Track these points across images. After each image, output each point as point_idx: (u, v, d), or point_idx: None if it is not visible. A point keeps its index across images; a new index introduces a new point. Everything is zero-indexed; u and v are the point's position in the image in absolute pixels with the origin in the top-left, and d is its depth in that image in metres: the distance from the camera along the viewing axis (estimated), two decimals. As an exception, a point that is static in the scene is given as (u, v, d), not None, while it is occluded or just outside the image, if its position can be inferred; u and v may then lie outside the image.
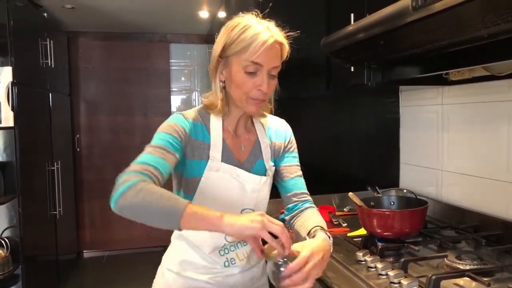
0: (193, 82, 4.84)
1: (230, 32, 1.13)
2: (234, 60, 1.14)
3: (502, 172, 1.63)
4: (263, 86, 1.14)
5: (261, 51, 1.10)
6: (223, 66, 1.17)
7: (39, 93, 3.30)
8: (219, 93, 1.20)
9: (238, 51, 1.12)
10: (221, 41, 1.15)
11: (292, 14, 2.14)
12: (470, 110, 1.79)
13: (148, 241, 4.70)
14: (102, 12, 3.74)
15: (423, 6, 1.07)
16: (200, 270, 1.26)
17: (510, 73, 1.50)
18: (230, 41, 1.13)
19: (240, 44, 1.11)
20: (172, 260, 1.31)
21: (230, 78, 1.16)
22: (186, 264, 1.27)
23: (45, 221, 3.31)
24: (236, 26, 1.13)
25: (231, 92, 1.19)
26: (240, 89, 1.15)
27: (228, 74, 1.17)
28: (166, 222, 0.97)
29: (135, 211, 0.98)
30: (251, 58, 1.11)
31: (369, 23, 1.34)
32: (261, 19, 1.17)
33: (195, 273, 1.26)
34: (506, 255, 1.39)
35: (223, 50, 1.15)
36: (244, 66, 1.12)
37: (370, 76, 1.82)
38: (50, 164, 3.41)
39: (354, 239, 1.62)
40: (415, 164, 2.19)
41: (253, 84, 1.14)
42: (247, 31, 1.11)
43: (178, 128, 1.16)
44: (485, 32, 1.12)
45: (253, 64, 1.12)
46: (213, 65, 1.19)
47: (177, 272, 1.28)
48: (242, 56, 1.12)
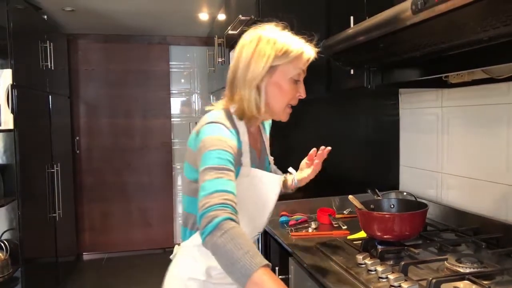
0: (192, 84, 4.84)
1: (277, 41, 1.19)
2: (283, 68, 1.20)
3: (501, 175, 1.63)
4: (303, 93, 1.26)
5: (309, 61, 1.23)
6: (268, 75, 1.21)
7: (39, 96, 3.30)
8: (259, 102, 1.22)
9: (290, 61, 1.19)
10: (267, 51, 1.18)
11: (292, 16, 2.14)
12: (470, 113, 1.79)
13: (147, 244, 4.70)
14: (101, 14, 3.74)
15: (423, 9, 1.07)
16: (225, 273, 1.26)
17: (509, 76, 1.50)
18: (281, 51, 1.18)
19: (293, 54, 1.19)
20: (196, 269, 1.28)
21: (275, 87, 1.22)
22: (212, 270, 1.27)
23: (44, 223, 3.31)
24: (279, 36, 1.21)
25: (271, 100, 1.23)
26: (285, 96, 1.23)
27: (272, 84, 1.21)
28: (233, 274, 0.95)
29: (217, 252, 0.97)
30: (303, 66, 1.22)
31: (369, 26, 1.34)
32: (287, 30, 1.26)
33: (220, 277, 1.27)
34: (506, 258, 1.39)
35: (273, 59, 1.19)
36: (294, 75, 1.21)
37: (370, 79, 1.82)
38: (49, 167, 3.40)
39: (354, 242, 1.62)
40: (415, 166, 2.19)
41: (296, 91, 1.24)
42: (295, 41, 1.22)
43: (230, 143, 1.15)
44: (484, 35, 1.12)
45: (301, 73, 1.23)
46: (256, 75, 1.19)
47: (204, 280, 1.28)
48: (293, 65, 1.20)
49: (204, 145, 1.12)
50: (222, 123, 1.19)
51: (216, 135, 1.14)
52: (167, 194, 4.77)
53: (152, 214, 4.73)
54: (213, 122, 1.18)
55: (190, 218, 1.29)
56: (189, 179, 1.27)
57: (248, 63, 1.20)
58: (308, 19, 2.13)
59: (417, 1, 1.08)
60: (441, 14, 1.03)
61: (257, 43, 1.20)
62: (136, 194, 4.68)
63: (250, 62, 1.20)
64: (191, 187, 1.24)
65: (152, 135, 4.71)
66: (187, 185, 1.28)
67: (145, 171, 4.68)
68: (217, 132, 1.15)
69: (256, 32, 1.23)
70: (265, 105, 1.23)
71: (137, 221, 4.70)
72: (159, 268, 1.53)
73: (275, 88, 1.22)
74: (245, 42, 1.24)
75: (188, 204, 1.30)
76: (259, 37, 1.21)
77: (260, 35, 1.22)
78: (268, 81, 1.21)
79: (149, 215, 4.72)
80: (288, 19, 2.10)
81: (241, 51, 1.23)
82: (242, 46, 1.24)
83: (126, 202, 4.66)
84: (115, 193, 4.62)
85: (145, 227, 4.72)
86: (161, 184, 4.74)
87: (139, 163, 4.65)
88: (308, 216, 2.05)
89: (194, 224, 1.28)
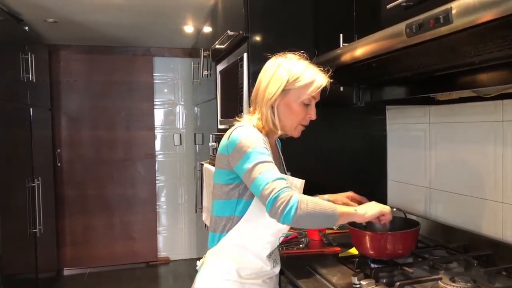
0: (176, 95, 4.80)
1: (291, 69, 1.37)
2: (294, 92, 1.37)
3: (489, 191, 1.66)
4: (313, 115, 1.42)
5: (320, 89, 1.38)
6: (281, 97, 1.37)
7: (19, 108, 3.23)
8: (274, 118, 1.39)
9: (301, 86, 1.36)
10: (282, 77, 1.36)
11: (280, 34, 2.15)
12: (457, 130, 1.82)
13: (131, 258, 4.61)
14: (84, 26, 3.69)
15: (418, 33, 1.08)
16: (255, 274, 1.41)
17: (497, 95, 1.53)
18: (294, 77, 1.36)
19: (304, 81, 1.36)
20: (230, 270, 1.39)
21: (286, 108, 1.39)
22: (242, 271, 1.39)
23: (24, 239, 3.22)
24: (295, 64, 1.39)
25: (283, 118, 1.40)
26: (296, 117, 1.40)
27: (283, 104, 1.38)
28: (327, 223, 1.28)
29: (309, 219, 1.20)
30: (313, 93, 1.37)
31: (362, 47, 1.35)
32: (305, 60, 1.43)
33: (250, 277, 1.40)
34: (497, 276, 1.41)
35: (286, 84, 1.36)
36: (304, 99, 1.37)
37: (359, 96, 1.83)
38: (30, 181, 3.32)
39: (346, 259, 1.61)
40: (402, 181, 2.20)
41: (306, 113, 1.41)
42: (308, 70, 1.38)
43: (266, 145, 1.33)
44: (477, 59, 1.14)
45: (312, 98, 1.39)
46: (271, 96, 1.37)
47: (234, 280, 1.38)
48: (303, 91, 1.36)
49: (243, 145, 1.29)
50: (255, 127, 1.40)
51: (251, 136, 1.32)
52: (151, 207, 4.70)
53: (135, 228, 4.65)
54: (245, 126, 1.38)
55: (220, 221, 1.41)
56: (221, 183, 1.40)
57: (267, 85, 1.39)
58: (296, 35, 2.14)
59: (411, 24, 1.10)
60: (436, 38, 1.04)
61: (276, 68, 1.39)
62: (119, 207, 4.60)
63: (268, 84, 1.39)
64: (224, 190, 1.39)
65: (136, 147, 4.65)
66: (219, 189, 1.41)
67: (128, 184, 4.61)
68: (252, 133, 1.34)
69: (278, 59, 1.42)
70: (279, 122, 1.40)
71: (120, 235, 4.61)
72: (143, 282, 1.51)
73: (286, 109, 1.39)
74: (267, 67, 1.44)
75: (219, 207, 1.42)
76: (279, 64, 1.40)
77: (280, 62, 1.40)
78: (280, 102, 1.38)
79: (132, 228, 4.64)
80: (277, 36, 2.12)
81: (263, 74, 1.43)
82: (265, 69, 1.44)
83: (108, 215, 4.57)
84: (98, 206, 4.53)
85: (128, 240, 4.63)
86: (145, 197, 4.67)
87: (122, 176, 4.58)
88: (298, 232, 2.04)
89: (224, 227, 1.40)
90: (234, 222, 1.38)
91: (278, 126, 1.40)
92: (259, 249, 1.41)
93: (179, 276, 4.41)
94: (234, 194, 1.37)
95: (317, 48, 2.05)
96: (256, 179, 1.23)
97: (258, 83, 1.44)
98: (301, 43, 2.17)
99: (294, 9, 2.14)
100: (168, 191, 4.80)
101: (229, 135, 1.37)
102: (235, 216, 1.38)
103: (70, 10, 3.21)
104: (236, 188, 1.37)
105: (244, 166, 1.27)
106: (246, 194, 1.36)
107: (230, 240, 1.39)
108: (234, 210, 1.38)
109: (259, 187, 1.22)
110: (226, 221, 1.40)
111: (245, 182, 1.30)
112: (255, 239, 1.39)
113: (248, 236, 1.38)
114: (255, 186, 1.24)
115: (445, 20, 0.98)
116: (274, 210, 1.18)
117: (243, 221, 1.37)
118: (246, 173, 1.26)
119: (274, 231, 1.41)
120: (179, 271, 4.53)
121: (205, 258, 1.46)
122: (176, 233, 4.81)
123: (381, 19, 1.44)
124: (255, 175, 1.24)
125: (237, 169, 1.31)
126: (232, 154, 1.32)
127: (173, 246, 4.80)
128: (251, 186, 1.27)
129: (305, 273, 1.55)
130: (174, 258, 4.79)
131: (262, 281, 1.43)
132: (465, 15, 0.93)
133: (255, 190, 1.25)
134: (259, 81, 1.44)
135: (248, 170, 1.25)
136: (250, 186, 1.27)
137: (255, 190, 1.25)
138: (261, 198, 1.23)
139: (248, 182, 1.28)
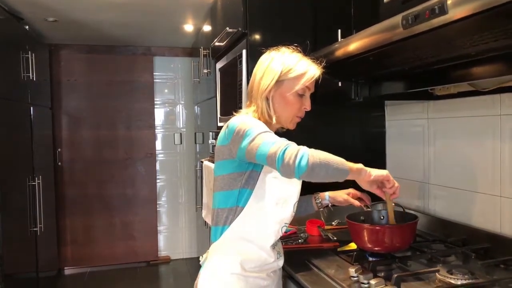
0: (177, 95, 4.81)
1: (284, 61, 1.40)
2: (288, 83, 1.40)
3: (487, 186, 1.66)
4: (308, 106, 1.45)
5: (313, 79, 1.41)
6: (275, 88, 1.40)
7: (20, 107, 3.23)
8: (269, 110, 1.42)
9: (294, 77, 1.39)
10: (275, 68, 1.39)
11: (279, 30, 2.16)
12: (456, 124, 1.82)
13: (131, 257, 4.62)
14: (85, 25, 3.70)
15: (414, 24, 1.08)
16: (258, 267, 1.40)
17: (494, 89, 1.54)
18: (287, 69, 1.39)
19: (297, 72, 1.39)
20: (234, 263, 1.38)
21: (281, 99, 1.41)
22: (246, 263, 1.38)
23: (25, 238, 3.22)
24: (288, 57, 1.42)
25: (279, 110, 1.42)
26: (292, 108, 1.42)
27: (278, 95, 1.41)
28: (340, 174, 1.24)
29: (323, 167, 1.19)
30: (306, 83, 1.40)
31: (359, 41, 1.35)
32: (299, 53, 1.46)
33: (254, 270, 1.40)
34: (495, 268, 1.41)
35: (280, 75, 1.39)
36: (298, 89, 1.40)
37: (357, 91, 1.84)
38: (31, 179, 3.32)
39: (344, 253, 1.62)
40: (401, 177, 2.20)
41: (302, 104, 1.43)
42: (301, 62, 1.41)
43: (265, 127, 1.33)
44: (473, 50, 1.14)
45: (306, 89, 1.42)
46: (266, 87, 1.40)
47: (238, 273, 1.38)
48: (297, 81, 1.39)
49: (242, 127, 1.30)
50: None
51: (249, 119, 1.35)
52: (151, 206, 4.70)
53: (136, 227, 4.65)
54: (245, 114, 1.41)
55: (223, 213, 1.40)
56: (223, 174, 1.40)
57: (261, 77, 1.42)
58: (295, 31, 2.15)
59: (408, 16, 1.10)
60: (432, 29, 1.04)
61: (270, 62, 1.43)
62: (119, 206, 4.60)
63: (262, 76, 1.42)
64: (226, 181, 1.39)
65: (136, 147, 4.65)
66: (221, 181, 1.41)
67: (128, 183, 4.61)
68: (249, 118, 1.37)
69: (272, 53, 1.46)
70: (274, 114, 1.42)
71: (121, 234, 4.62)
72: (144, 281, 1.51)
73: (281, 100, 1.42)
74: (261, 61, 1.47)
75: (220, 199, 1.42)
76: (272, 57, 1.43)
77: (274, 56, 1.44)
78: (274, 93, 1.41)
79: (133, 227, 4.65)
80: (275, 31, 2.13)
81: (258, 68, 1.46)
82: (259, 63, 1.47)
83: (109, 215, 4.58)
84: (98, 206, 4.54)
85: (129, 239, 4.63)
86: (145, 196, 4.67)
87: (123, 175, 4.58)
88: (297, 228, 2.04)
89: (227, 219, 1.39)
90: (237, 213, 1.37)
91: (273, 117, 1.41)
92: (263, 239, 1.39)
93: (179, 275, 4.41)
94: (236, 184, 1.37)
95: (316, 43, 2.05)
96: (260, 146, 1.23)
97: (253, 76, 1.47)
98: (299, 39, 2.17)
99: (292, 5, 2.14)
100: (168, 190, 4.80)
101: (226, 125, 1.38)
102: (238, 206, 1.37)
103: (70, 9, 3.22)
104: (238, 178, 1.36)
105: (246, 142, 1.27)
106: (249, 183, 1.36)
107: (233, 233, 1.38)
108: (237, 200, 1.37)
109: (265, 152, 1.21)
110: (229, 213, 1.39)
111: (249, 157, 1.28)
112: (259, 229, 1.38)
113: (252, 227, 1.37)
114: (260, 153, 1.23)
115: (441, 11, 0.98)
116: (285, 164, 1.17)
117: (246, 210, 1.36)
118: (249, 146, 1.25)
119: (278, 219, 1.39)
120: (179, 270, 4.53)
121: (208, 253, 1.45)
122: (177, 232, 4.82)
123: (379, 14, 1.45)
124: (258, 143, 1.24)
125: (240, 151, 1.29)
126: (233, 139, 1.32)
127: (174, 245, 4.81)
128: (256, 155, 1.24)
129: (303, 267, 1.55)
130: (175, 257, 4.80)
131: (266, 274, 1.43)
132: (460, 5, 0.94)
133: (261, 157, 1.23)
134: (254, 75, 1.47)
135: (251, 142, 1.25)
136: (255, 156, 1.25)
137: (261, 157, 1.23)
138: (269, 161, 1.21)
139: (252, 154, 1.25)
